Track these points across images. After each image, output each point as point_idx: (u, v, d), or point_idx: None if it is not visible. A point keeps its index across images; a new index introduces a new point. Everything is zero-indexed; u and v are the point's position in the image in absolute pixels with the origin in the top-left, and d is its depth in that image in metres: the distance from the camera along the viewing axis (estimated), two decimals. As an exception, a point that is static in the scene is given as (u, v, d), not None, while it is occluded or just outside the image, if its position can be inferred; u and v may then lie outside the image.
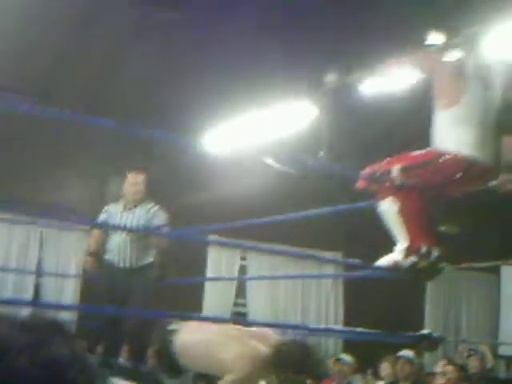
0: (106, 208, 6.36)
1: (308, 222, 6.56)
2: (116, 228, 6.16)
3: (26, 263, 9.69)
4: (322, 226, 9.15)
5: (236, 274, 11.18)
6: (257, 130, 7.94)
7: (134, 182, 6.27)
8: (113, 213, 6.26)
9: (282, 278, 11.38)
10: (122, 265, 6.13)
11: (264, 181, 9.10)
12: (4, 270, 9.51)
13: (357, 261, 5.72)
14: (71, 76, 8.72)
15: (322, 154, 7.06)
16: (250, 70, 7.76)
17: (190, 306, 9.87)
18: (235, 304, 11.15)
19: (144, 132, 4.82)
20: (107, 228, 6.26)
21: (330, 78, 6.51)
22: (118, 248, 6.12)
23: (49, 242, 9.78)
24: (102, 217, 6.34)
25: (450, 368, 7.91)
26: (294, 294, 11.46)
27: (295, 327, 6.98)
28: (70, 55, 8.42)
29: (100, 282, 6.37)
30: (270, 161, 5.11)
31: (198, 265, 10.53)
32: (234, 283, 11.14)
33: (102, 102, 8.57)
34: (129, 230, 6.06)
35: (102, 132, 8.52)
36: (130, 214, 6.18)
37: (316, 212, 5.35)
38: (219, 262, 10.99)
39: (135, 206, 6.23)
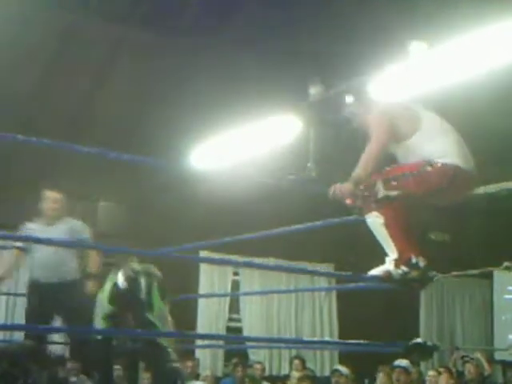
0: (25, 226, 6.20)
1: (299, 235, 6.55)
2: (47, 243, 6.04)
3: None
4: (313, 239, 9.15)
5: (229, 289, 11.16)
6: (243, 145, 7.95)
7: (51, 198, 6.20)
8: (34, 229, 6.10)
9: (276, 292, 11.38)
10: (48, 281, 6.03)
11: (252, 195, 9.11)
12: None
13: (349, 273, 5.71)
14: (52, 107, 8.72)
15: (309, 165, 7.07)
16: (233, 85, 7.78)
17: (184, 322, 9.86)
18: (230, 319, 11.13)
19: (129, 158, 4.80)
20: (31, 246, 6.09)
21: (315, 90, 6.54)
22: (46, 264, 6.02)
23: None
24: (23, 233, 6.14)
25: (445, 375, 7.92)
26: (288, 308, 11.47)
27: (290, 341, 6.94)
28: (49, 86, 8.41)
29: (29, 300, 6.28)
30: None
31: (191, 281, 10.52)
32: (228, 298, 11.13)
33: (85, 127, 8.59)
34: (58, 245, 5.96)
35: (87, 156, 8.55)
36: (52, 229, 6.08)
37: (307, 226, 5.34)
38: (212, 277, 10.99)
39: (55, 223, 6.15)
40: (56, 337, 7.49)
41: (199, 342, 9.35)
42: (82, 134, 8.31)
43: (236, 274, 11.24)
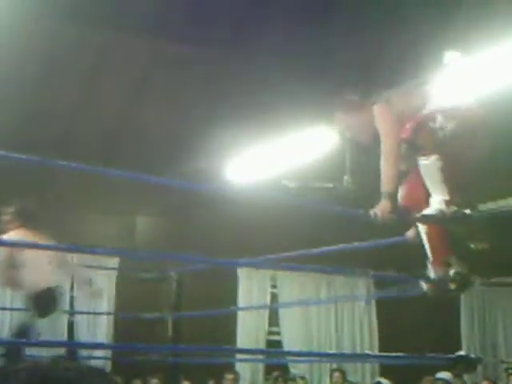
0: None
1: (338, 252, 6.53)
2: None
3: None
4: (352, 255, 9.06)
5: (268, 302, 11.15)
6: (279, 159, 7.94)
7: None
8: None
9: (314, 303, 11.32)
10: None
11: (289, 210, 9.09)
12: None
13: (391, 274, 5.65)
14: (89, 123, 8.81)
15: (346, 177, 7.03)
16: (269, 98, 7.79)
17: (224, 336, 9.88)
18: (269, 332, 11.10)
19: (160, 180, 4.82)
20: None
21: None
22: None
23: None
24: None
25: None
26: (328, 319, 11.40)
27: (330, 355, 6.87)
28: (86, 101, 8.50)
29: None
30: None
31: (229, 295, 10.52)
32: (267, 312, 11.11)
33: (120, 142, 8.65)
34: None
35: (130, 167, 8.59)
36: None
37: (352, 246, 5.33)
38: (250, 291, 10.98)
39: None
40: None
41: (239, 356, 9.35)
42: (120, 149, 8.38)
43: (274, 286, 11.21)
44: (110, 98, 8.55)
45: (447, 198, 4.01)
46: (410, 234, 4.45)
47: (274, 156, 7.95)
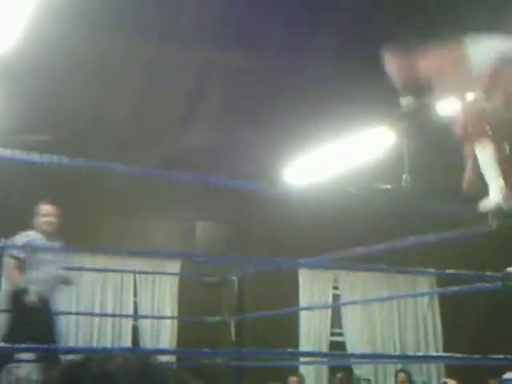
0: (26, 234, 6.03)
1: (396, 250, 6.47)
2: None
3: (122, 309, 9.91)
4: (413, 253, 8.99)
5: (330, 304, 11.13)
6: (337, 160, 7.93)
7: (46, 213, 6.10)
8: (34, 242, 6.00)
9: (377, 300, 11.21)
10: (48, 297, 5.99)
11: (347, 211, 9.06)
12: (102, 315, 9.74)
13: (453, 271, 5.57)
14: (145, 133, 8.93)
15: (405, 177, 6.98)
16: (325, 101, 7.78)
17: (286, 338, 9.88)
18: (332, 334, 11.07)
19: (225, 182, 4.88)
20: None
21: (406, 101, 6.46)
22: (47, 280, 5.97)
23: (142, 286, 9.99)
24: (23, 240, 5.99)
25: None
26: (391, 319, 11.30)
27: (394, 357, 6.80)
28: (142, 112, 8.63)
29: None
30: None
31: (291, 297, 10.52)
32: (329, 313, 11.07)
33: (178, 150, 8.75)
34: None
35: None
36: (53, 245, 6.09)
37: (405, 242, 5.28)
38: (311, 293, 10.97)
39: (52, 239, 6.09)
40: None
41: (303, 359, 9.33)
42: (175, 157, 8.47)
43: (336, 288, 11.18)
44: (163, 107, 8.66)
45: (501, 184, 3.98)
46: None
47: (332, 158, 7.95)
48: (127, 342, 9.63)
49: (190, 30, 7.41)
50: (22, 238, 5.98)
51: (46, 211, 6.09)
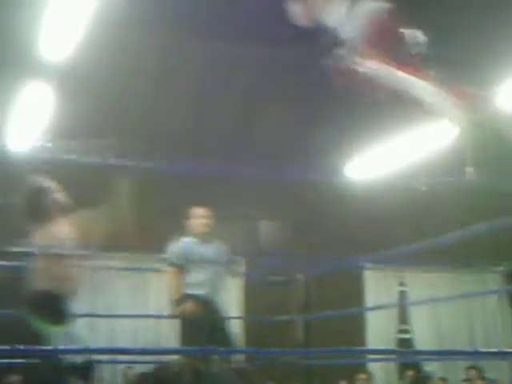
0: (182, 240, 6.10)
1: (462, 241, 6.40)
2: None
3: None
4: (478, 244, 8.88)
5: (396, 301, 11.04)
6: (400, 154, 7.87)
7: (201, 215, 6.14)
8: (190, 247, 6.05)
9: (444, 299, 11.08)
10: (213, 298, 5.99)
11: (414, 204, 9.00)
12: (168, 317, 9.84)
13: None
14: (209, 131, 9.02)
15: (468, 170, 6.89)
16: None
17: (353, 336, 9.86)
18: (399, 331, 10.98)
19: (292, 174, 4.91)
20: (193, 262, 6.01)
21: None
22: (210, 281, 5.99)
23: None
24: (176, 250, 6.04)
25: None
26: (458, 315, 11.13)
27: (463, 353, 6.68)
28: (206, 111, 8.72)
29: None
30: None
31: (356, 295, 10.48)
32: (396, 310, 10.98)
33: (242, 148, 8.81)
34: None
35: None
36: (209, 247, 6.11)
37: (471, 230, 5.20)
38: (377, 290, 10.89)
39: (209, 241, 6.13)
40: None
41: (371, 356, 9.28)
42: (240, 155, 8.53)
43: (402, 284, 11.09)
44: (222, 105, 8.73)
45: None
46: None
47: (395, 152, 7.89)
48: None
49: (245, 28, 7.45)
50: (177, 244, 6.07)
51: (199, 214, 6.16)
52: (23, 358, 6.20)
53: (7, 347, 3.45)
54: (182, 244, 6.07)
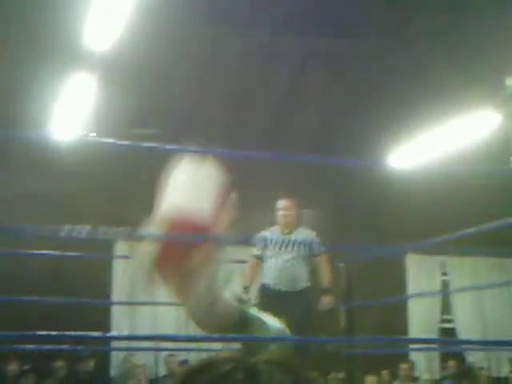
0: (261, 234, 6.34)
1: (506, 228, 6.34)
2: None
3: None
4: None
5: (438, 289, 10.98)
6: (443, 143, 7.81)
7: (283, 207, 6.28)
8: (270, 238, 6.25)
9: (488, 286, 10.96)
10: (283, 289, 6.10)
11: (454, 193, 8.93)
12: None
13: None
14: (248, 119, 9.06)
15: (512, 159, 6.81)
16: (428, 83, 7.69)
17: (395, 325, 9.83)
18: (442, 320, 10.92)
19: (330, 160, 4.92)
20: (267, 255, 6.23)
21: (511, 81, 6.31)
22: (279, 272, 6.12)
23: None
24: (259, 241, 6.29)
25: None
26: (502, 304, 11.01)
27: (507, 343, 6.63)
28: (245, 99, 8.77)
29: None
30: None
31: (398, 284, 10.44)
32: (439, 299, 10.92)
33: (282, 136, 8.82)
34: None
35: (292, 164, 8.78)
36: (287, 238, 6.21)
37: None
38: (419, 279, 10.84)
39: (291, 232, 6.26)
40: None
41: (413, 346, 9.25)
42: (280, 143, 8.54)
43: (444, 274, 11.01)
44: (262, 92, 8.75)
45: None
46: None
47: (439, 140, 7.84)
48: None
49: (291, 18, 7.47)
50: (260, 235, 6.33)
51: (281, 205, 6.33)
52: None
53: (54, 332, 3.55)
54: (263, 234, 6.32)
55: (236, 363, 0.73)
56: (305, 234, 6.31)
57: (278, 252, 6.19)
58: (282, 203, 6.33)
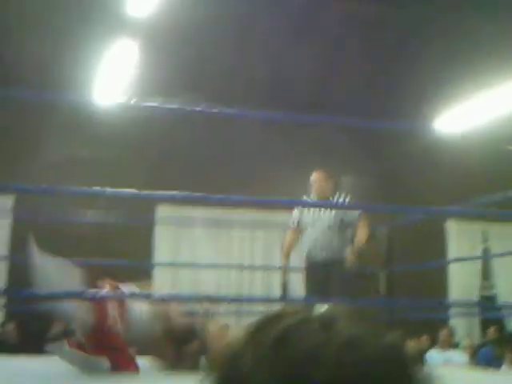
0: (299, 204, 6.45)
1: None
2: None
3: (271, 263, 10.15)
4: None
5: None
6: (487, 110, 7.73)
7: (315, 179, 6.36)
8: (307, 209, 6.36)
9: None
10: (320, 258, 6.18)
11: (498, 160, 8.83)
12: (252, 268, 10.03)
13: None
14: (287, 85, 9.04)
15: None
16: (475, 50, 7.59)
17: (435, 292, 9.81)
18: (482, 287, 10.86)
19: (376, 124, 4.90)
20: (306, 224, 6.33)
21: None
22: (315, 241, 6.22)
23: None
24: (295, 213, 6.43)
25: None
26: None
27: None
28: (284, 64, 8.74)
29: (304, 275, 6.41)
30: None
31: (439, 249, 10.39)
32: (479, 266, 10.85)
33: (320, 102, 8.79)
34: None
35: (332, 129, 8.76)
36: (322, 208, 6.30)
37: None
38: (460, 244, 10.77)
39: (325, 202, 6.33)
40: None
41: (453, 311, 9.23)
42: (316, 109, 8.53)
43: (486, 240, 10.92)
44: (303, 54, 8.72)
45: None
46: None
47: (483, 107, 7.75)
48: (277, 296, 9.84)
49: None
50: (297, 206, 6.48)
51: (313, 178, 6.42)
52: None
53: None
54: (300, 206, 6.44)
55: (308, 314, 0.73)
56: (340, 202, 6.34)
57: (314, 222, 6.27)
58: (313, 176, 6.40)
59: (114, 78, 7.85)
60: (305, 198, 6.39)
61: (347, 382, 0.65)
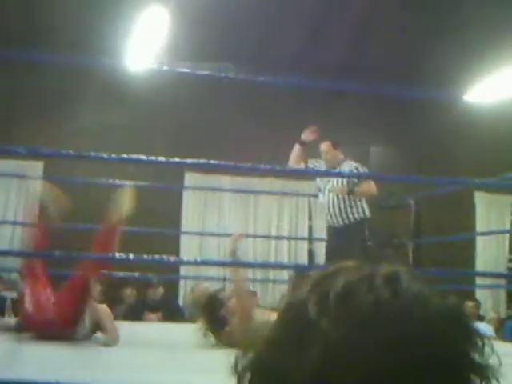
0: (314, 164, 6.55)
1: None
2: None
3: (298, 232, 10.18)
4: None
5: (508, 228, 10.83)
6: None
7: (321, 150, 6.47)
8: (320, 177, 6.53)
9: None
10: (336, 224, 6.30)
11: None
12: (278, 238, 10.06)
13: None
14: (320, 54, 8.99)
15: None
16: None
17: (462, 264, 9.78)
18: (510, 260, 10.81)
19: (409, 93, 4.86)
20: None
21: None
22: (329, 209, 6.33)
23: (317, 210, 10.10)
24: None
25: None
26: None
27: None
28: (317, 32, 8.68)
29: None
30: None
31: (467, 222, 10.33)
32: (507, 239, 10.79)
33: (355, 70, 8.72)
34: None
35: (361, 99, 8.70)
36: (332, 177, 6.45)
37: None
38: (488, 217, 10.71)
39: (334, 169, 6.40)
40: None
41: (479, 282, 9.20)
42: (351, 77, 8.47)
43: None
44: (337, 23, 8.65)
45: None
46: None
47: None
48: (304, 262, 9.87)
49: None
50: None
51: (320, 149, 6.53)
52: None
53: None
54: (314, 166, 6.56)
55: (371, 270, 0.72)
56: (346, 168, 6.36)
57: (325, 189, 6.41)
58: (320, 147, 6.49)
59: (145, 44, 7.84)
60: (315, 162, 6.50)
61: (413, 339, 0.66)
